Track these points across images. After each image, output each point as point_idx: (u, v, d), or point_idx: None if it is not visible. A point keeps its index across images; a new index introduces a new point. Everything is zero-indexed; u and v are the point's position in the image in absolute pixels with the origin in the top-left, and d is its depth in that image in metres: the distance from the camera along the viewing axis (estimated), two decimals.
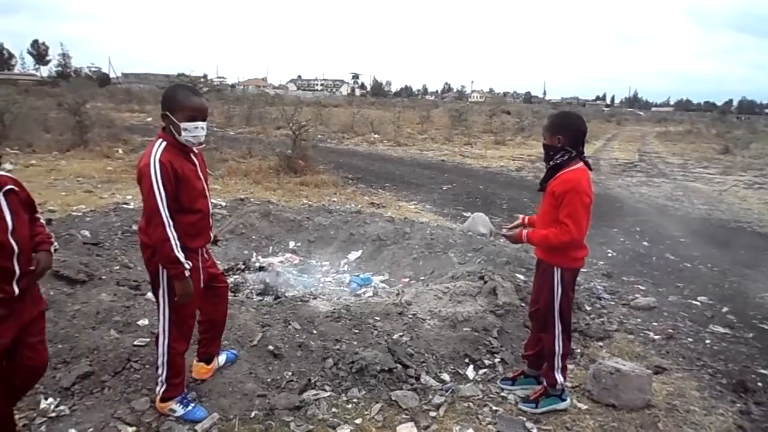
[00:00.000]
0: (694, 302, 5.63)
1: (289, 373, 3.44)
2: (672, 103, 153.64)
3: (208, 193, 3.02)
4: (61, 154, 12.75)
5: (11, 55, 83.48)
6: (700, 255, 7.49)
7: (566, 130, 3.13)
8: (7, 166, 9.93)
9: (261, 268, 5.66)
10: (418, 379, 3.56)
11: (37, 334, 2.54)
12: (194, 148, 2.92)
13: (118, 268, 4.93)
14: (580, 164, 3.12)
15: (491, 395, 3.54)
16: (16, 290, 2.30)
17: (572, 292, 3.30)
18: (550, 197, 3.12)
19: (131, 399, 3.13)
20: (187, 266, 2.76)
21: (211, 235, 3.12)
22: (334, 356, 3.60)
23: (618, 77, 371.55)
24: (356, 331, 3.91)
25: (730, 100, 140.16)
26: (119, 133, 16.09)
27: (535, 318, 3.51)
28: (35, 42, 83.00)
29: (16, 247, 2.27)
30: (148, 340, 3.53)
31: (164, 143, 2.77)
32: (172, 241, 2.69)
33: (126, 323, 3.81)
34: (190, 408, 3.03)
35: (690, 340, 4.68)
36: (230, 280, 5.23)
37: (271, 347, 3.59)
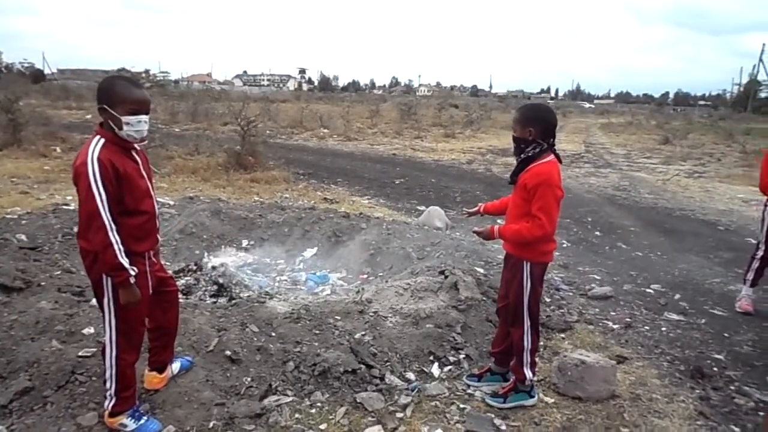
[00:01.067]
0: (647, 290, 5.73)
1: (249, 379, 3.27)
2: (612, 95, 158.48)
3: (153, 193, 2.82)
4: None
5: None
6: (650, 243, 7.67)
7: (537, 122, 3.06)
8: None
9: (213, 269, 5.43)
10: (382, 379, 3.45)
11: None
12: (136, 145, 2.72)
13: (59, 273, 4.63)
14: (551, 157, 3.07)
15: (458, 393, 3.47)
16: None
17: (540, 286, 3.26)
18: (522, 190, 3.05)
19: (77, 415, 2.90)
20: (132, 272, 2.56)
21: (159, 237, 2.92)
22: (295, 359, 3.45)
23: (561, 70, 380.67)
24: (317, 331, 3.76)
25: (667, 93, 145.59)
26: (56, 131, 15.32)
27: (503, 313, 3.43)
28: None
29: None
30: (95, 350, 3.28)
31: (102, 140, 2.55)
32: (115, 246, 2.49)
33: (69, 332, 3.54)
34: (142, 421, 2.84)
35: (647, 328, 4.75)
36: (181, 281, 5.00)
37: (228, 352, 3.41)
